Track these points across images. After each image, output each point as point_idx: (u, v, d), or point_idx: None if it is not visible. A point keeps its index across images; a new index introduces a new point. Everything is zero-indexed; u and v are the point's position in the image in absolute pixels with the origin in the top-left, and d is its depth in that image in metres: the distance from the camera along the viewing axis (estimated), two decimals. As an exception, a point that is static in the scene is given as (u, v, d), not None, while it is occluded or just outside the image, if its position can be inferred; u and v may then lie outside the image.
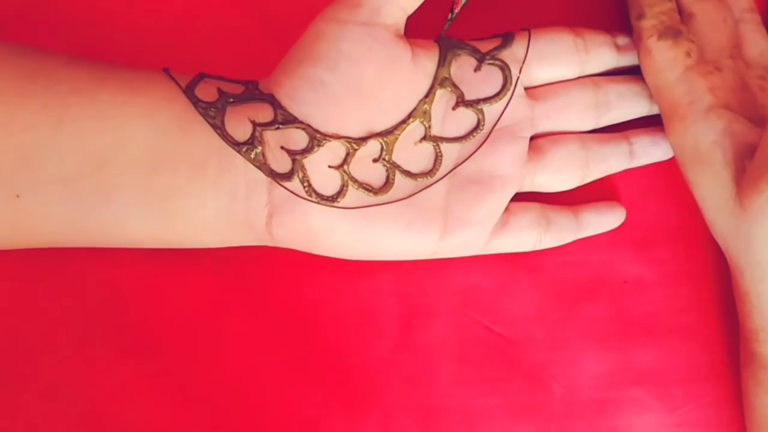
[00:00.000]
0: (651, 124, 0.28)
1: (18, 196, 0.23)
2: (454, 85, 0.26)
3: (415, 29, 0.26)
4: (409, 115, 0.26)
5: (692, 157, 0.25)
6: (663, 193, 0.29)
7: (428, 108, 0.26)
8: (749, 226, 0.24)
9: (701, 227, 0.27)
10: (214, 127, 0.24)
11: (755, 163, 0.23)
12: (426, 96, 0.26)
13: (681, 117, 0.26)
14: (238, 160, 0.25)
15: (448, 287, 0.28)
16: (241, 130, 0.25)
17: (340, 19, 0.25)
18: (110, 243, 0.26)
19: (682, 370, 0.28)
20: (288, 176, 0.25)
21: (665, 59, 0.26)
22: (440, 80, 0.26)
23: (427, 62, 0.26)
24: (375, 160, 0.26)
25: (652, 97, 0.28)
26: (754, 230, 0.24)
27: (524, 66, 0.27)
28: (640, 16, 0.27)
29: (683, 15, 0.27)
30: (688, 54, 0.26)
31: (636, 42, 0.27)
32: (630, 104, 0.28)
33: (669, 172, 0.29)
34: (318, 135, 0.25)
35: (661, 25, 0.26)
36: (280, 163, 0.25)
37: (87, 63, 0.25)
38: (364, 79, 0.25)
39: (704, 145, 0.25)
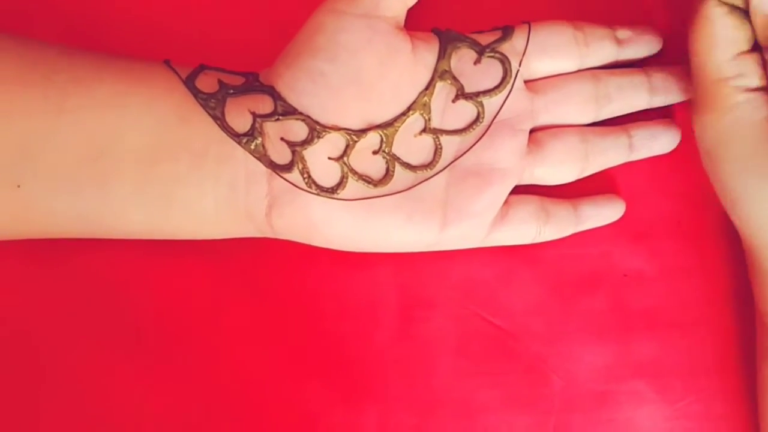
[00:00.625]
0: (651, 117, 0.28)
1: (18, 186, 0.23)
2: (454, 78, 0.26)
3: (416, 23, 0.26)
4: (409, 108, 0.26)
5: (726, 142, 0.24)
6: (663, 186, 0.29)
7: (428, 100, 0.26)
8: None
9: (701, 220, 0.27)
10: (214, 118, 0.25)
11: None
12: (426, 88, 0.26)
13: (723, 98, 0.24)
14: (238, 151, 0.25)
15: (447, 279, 0.28)
16: (241, 122, 0.25)
17: (340, 10, 0.25)
18: (110, 234, 0.26)
19: (682, 363, 0.28)
20: (288, 167, 0.25)
21: (725, 37, 0.24)
22: (440, 73, 0.26)
23: (427, 54, 0.26)
24: (375, 152, 0.26)
25: (651, 90, 0.28)
26: None
27: (524, 59, 0.27)
28: None
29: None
30: (748, 40, 0.24)
31: (696, 4, 0.24)
32: (630, 97, 0.28)
33: (669, 166, 0.29)
34: (318, 126, 0.25)
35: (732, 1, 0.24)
36: (280, 154, 0.25)
37: (87, 53, 0.25)
38: (363, 70, 0.25)
39: (743, 128, 0.24)
